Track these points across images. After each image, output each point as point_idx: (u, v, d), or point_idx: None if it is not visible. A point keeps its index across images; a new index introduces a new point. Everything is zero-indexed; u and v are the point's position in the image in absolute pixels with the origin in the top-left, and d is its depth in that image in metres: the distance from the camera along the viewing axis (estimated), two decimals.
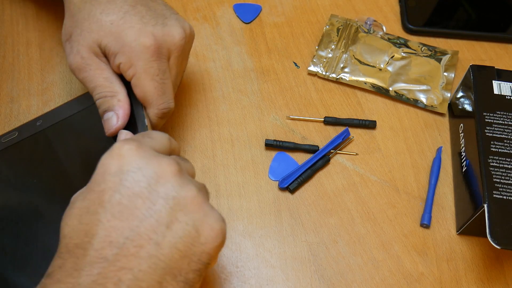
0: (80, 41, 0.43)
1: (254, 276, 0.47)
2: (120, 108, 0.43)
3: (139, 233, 0.32)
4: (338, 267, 0.47)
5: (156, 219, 0.32)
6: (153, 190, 0.33)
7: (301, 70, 0.59)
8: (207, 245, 0.34)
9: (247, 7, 0.63)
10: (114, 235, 0.32)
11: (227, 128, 0.54)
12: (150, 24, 0.43)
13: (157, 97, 0.44)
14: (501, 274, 0.48)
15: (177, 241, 0.33)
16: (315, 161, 0.52)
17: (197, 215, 0.34)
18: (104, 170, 0.33)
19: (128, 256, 0.31)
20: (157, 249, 0.32)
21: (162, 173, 0.34)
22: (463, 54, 0.61)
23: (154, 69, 0.43)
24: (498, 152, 0.47)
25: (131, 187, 0.33)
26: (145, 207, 0.33)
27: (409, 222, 0.50)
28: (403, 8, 0.64)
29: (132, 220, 0.32)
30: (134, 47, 0.42)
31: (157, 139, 0.37)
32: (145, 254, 0.32)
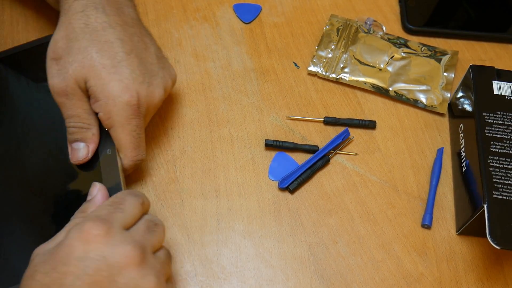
0: (70, 71, 0.43)
1: (254, 276, 0.47)
2: (93, 142, 0.45)
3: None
4: (338, 267, 0.47)
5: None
6: (113, 280, 0.34)
7: (301, 70, 0.59)
8: None
9: (247, 7, 0.63)
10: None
11: (227, 128, 0.54)
12: (138, 82, 0.45)
13: (131, 150, 0.45)
14: (501, 274, 0.48)
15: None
16: (315, 161, 0.52)
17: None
18: (70, 252, 0.34)
19: None
20: None
21: (125, 264, 0.35)
22: (463, 54, 0.61)
23: (132, 126, 0.45)
24: (498, 153, 0.47)
25: (92, 275, 0.34)
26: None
27: (409, 222, 0.50)
28: (403, 8, 0.64)
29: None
30: (117, 103, 0.43)
31: (128, 210, 0.38)
32: None
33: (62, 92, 0.44)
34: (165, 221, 0.49)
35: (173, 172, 0.51)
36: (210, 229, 0.49)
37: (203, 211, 0.49)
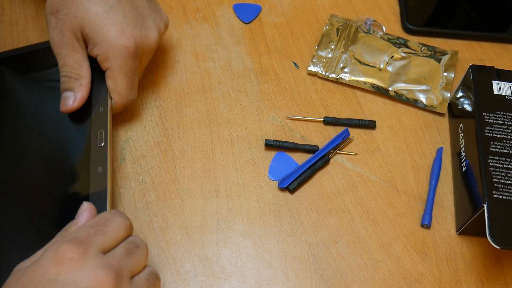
0: (66, 22, 0.46)
1: (254, 276, 0.47)
2: (80, 92, 0.47)
3: None
4: (337, 267, 0.47)
5: None
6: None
7: (301, 70, 0.59)
8: None
9: (246, 7, 0.63)
10: None
11: (227, 128, 0.54)
12: (131, 25, 0.47)
13: (126, 91, 0.49)
14: (500, 274, 0.48)
15: None
16: (314, 161, 0.52)
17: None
18: (43, 273, 0.34)
19: None
20: None
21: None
22: (463, 54, 0.61)
23: (128, 67, 0.47)
24: (498, 152, 0.47)
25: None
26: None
27: (408, 222, 0.50)
28: (403, 8, 0.64)
29: None
30: (113, 45, 0.46)
31: (110, 233, 0.37)
32: None
33: (58, 43, 0.47)
34: (165, 221, 0.49)
35: (173, 172, 0.51)
36: (210, 229, 0.49)
37: (203, 211, 0.50)
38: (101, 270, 0.34)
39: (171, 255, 0.47)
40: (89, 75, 0.48)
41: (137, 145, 0.53)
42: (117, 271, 0.35)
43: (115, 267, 0.35)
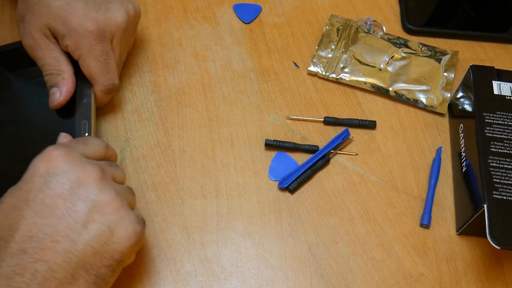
0: (32, 23, 0.48)
1: (254, 276, 0.47)
2: (64, 85, 0.48)
3: (57, 230, 0.36)
4: (338, 267, 0.47)
5: (74, 218, 0.36)
6: (74, 192, 0.37)
7: (301, 70, 0.59)
8: (119, 244, 0.37)
9: (247, 7, 0.63)
10: (34, 231, 0.35)
11: (227, 128, 0.54)
12: (94, 10, 0.48)
13: (101, 76, 0.49)
14: (501, 274, 0.48)
15: (91, 239, 0.36)
16: (315, 161, 0.52)
17: (113, 217, 0.37)
18: (33, 172, 0.37)
19: (45, 250, 0.35)
20: (72, 245, 0.36)
21: (85, 178, 0.37)
22: (463, 54, 0.61)
23: (97, 51, 0.48)
24: (498, 153, 0.47)
25: (54, 188, 0.37)
26: (65, 207, 0.36)
27: (409, 222, 0.50)
28: (403, 8, 0.64)
29: (52, 218, 0.36)
30: (78, 31, 0.47)
31: (91, 145, 0.41)
32: (60, 249, 0.35)
33: (32, 46, 0.48)
34: (165, 221, 0.49)
35: (173, 172, 0.51)
36: (210, 229, 0.49)
37: (203, 211, 0.50)
38: (87, 164, 0.38)
39: (171, 255, 0.47)
40: (69, 68, 0.49)
41: (137, 145, 0.53)
42: (102, 168, 0.39)
43: (99, 164, 0.39)
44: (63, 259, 0.36)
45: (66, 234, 0.36)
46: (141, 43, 0.59)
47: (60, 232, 0.36)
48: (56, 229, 0.36)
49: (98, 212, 0.37)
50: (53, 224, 0.36)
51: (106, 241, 0.37)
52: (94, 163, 0.39)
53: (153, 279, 0.46)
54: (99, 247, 0.37)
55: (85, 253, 0.36)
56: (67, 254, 0.36)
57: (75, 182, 0.37)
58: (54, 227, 0.36)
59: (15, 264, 0.35)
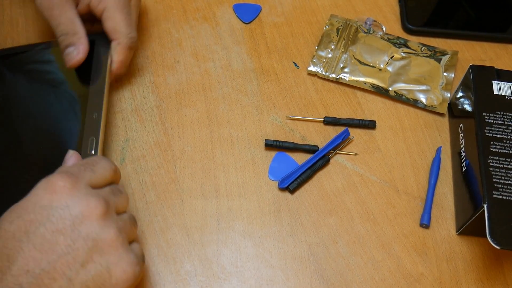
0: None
1: (254, 276, 0.47)
2: (81, 44, 0.49)
3: (54, 267, 0.34)
4: (338, 267, 0.47)
5: (73, 256, 0.35)
6: (75, 229, 0.36)
7: (301, 70, 0.59)
8: (117, 286, 0.36)
9: (246, 7, 0.63)
10: (32, 265, 0.34)
11: (227, 128, 0.54)
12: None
13: (126, 27, 0.50)
14: (501, 274, 0.48)
15: (88, 279, 0.35)
16: (315, 161, 0.52)
17: (112, 258, 0.36)
18: (36, 201, 0.36)
19: (41, 286, 0.34)
20: (69, 284, 0.35)
21: (88, 214, 0.36)
22: (463, 54, 0.61)
23: (121, 3, 0.50)
24: (498, 152, 0.47)
25: (56, 223, 0.35)
26: (65, 243, 0.35)
27: (408, 222, 0.50)
28: (403, 8, 0.64)
29: (51, 254, 0.35)
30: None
31: (98, 172, 0.40)
32: (57, 287, 0.34)
33: (48, 5, 0.49)
34: (165, 221, 0.49)
35: (173, 172, 0.51)
36: (210, 229, 0.49)
37: (203, 211, 0.50)
38: (91, 197, 0.37)
39: (171, 255, 0.47)
40: (84, 30, 0.50)
41: (137, 145, 0.53)
42: (106, 201, 0.38)
43: (104, 197, 0.38)
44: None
45: (64, 273, 0.35)
46: (141, 43, 0.59)
47: (58, 270, 0.35)
48: (54, 266, 0.35)
49: (98, 252, 0.36)
50: (52, 261, 0.35)
51: (103, 283, 0.36)
52: (99, 195, 0.37)
53: (153, 279, 0.46)
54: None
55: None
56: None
57: (78, 218, 0.36)
58: (52, 264, 0.35)
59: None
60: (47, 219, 0.35)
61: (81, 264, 0.35)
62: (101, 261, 0.36)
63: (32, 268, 0.34)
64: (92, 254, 0.36)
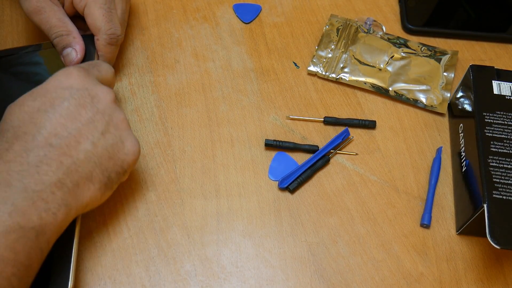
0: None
1: (254, 276, 0.47)
2: (77, 43, 0.50)
3: (80, 132, 0.40)
4: (338, 267, 0.47)
5: (94, 126, 0.41)
6: (94, 106, 0.42)
7: (301, 70, 0.59)
8: (128, 156, 0.43)
9: (247, 7, 0.63)
10: (60, 129, 0.40)
11: (227, 128, 0.54)
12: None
13: (105, 23, 0.50)
14: (501, 274, 0.48)
15: (107, 145, 0.42)
16: (315, 161, 0.52)
17: (124, 133, 0.43)
18: (57, 84, 0.41)
19: (69, 147, 0.39)
20: (92, 147, 0.41)
21: (104, 97, 0.43)
22: (462, 54, 0.61)
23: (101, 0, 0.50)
24: (498, 152, 0.47)
25: (78, 99, 0.41)
26: (87, 116, 0.41)
27: (409, 222, 0.50)
28: (403, 8, 0.64)
29: (76, 122, 0.40)
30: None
31: (103, 72, 0.46)
32: (82, 148, 0.40)
33: (35, 9, 0.49)
34: (165, 221, 0.49)
35: (173, 172, 0.51)
36: (210, 229, 0.49)
37: (203, 211, 0.50)
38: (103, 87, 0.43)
39: (171, 255, 0.47)
40: (75, 28, 0.51)
41: None
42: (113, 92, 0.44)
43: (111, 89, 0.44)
44: (84, 156, 0.40)
45: (87, 137, 0.40)
46: (141, 43, 0.59)
47: (83, 135, 0.40)
48: (79, 132, 0.40)
49: (113, 126, 0.42)
50: (77, 128, 0.40)
51: (119, 150, 0.42)
52: (107, 87, 0.44)
53: (153, 279, 0.46)
54: (113, 153, 0.42)
55: (102, 156, 0.41)
56: (88, 154, 0.40)
57: (95, 98, 0.42)
58: (77, 130, 0.40)
59: (42, 155, 0.38)
60: (70, 96, 0.41)
61: (101, 133, 0.41)
62: (116, 133, 0.42)
63: (60, 132, 0.39)
64: (109, 127, 0.42)
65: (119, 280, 0.46)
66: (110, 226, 0.48)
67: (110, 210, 0.49)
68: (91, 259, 0.46)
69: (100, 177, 0.41)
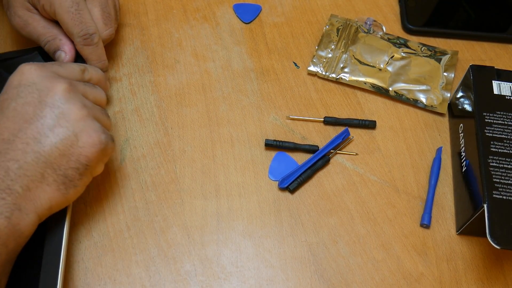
0: (14, 3, 0.50)
1: (254, 276, 0.47)
2: (65, 44, 0.50)
3: (26, 134, 0.39)
4: (338, 267, 0.47)
5: (41, 123, 0.40)
6: (42, 100, 0.40)
7: (301, 70, 0.59)
8: (84, 149, 0.41)
9: (247, 7, 0.63)
10: (6, 134, 0.39)
11: (227, 128, 0.54)
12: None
13: (74, 26, 0.49)
14: (501, 274, 0.48)
15: (57, 142, 0.40)
16: (315, 161, 0.52)
17: (78, 124, 0.41)
18: (8, 84, 0.41)
19: (16, 151, 0.39)
20: (40, 146, 0.39)
21: (52, 88, 0.41)
22: (463, 54, 0.61)
23: (67, 2, 0.49)
24: (498, 152, 0.47)
25: (24, 97, 0.40)
26: (33, 113, 0.40)
27: (409, 222, 0.50)
28: (403, 8, 0.64)
29: (22, 123, 0.40)
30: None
31: (66, 67, 0.45)
32: (30, 150, 0.39)
33: (20, 24, 0.50)
34: (165, 221, 0.49)
35: (173, 172, 0.51)
36: (210, 229, 0.49)
37: (203, 211, 0.50)
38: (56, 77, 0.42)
39: (171, 255, 0.47)
40: (61, 30, 0.50)
41: (137, 145, 0.53)
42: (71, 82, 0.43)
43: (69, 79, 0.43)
44: (32, 158, 0.39)
45: (35, 137, 0.39)
46: (141, 43, 0.59)
47: (29, 135, 0.39)
48: (25, 133, 0.39)
49: (64, 118, 0.40)
50: (23, 128, 0.39)
51: (71, 145, 0.40)
52: (62, 77, 0.42)
53: (153, 279, 0.46)
54: (65, 149, 0.40)
55: (51, 154, 0.40)
56: (36, 155, 0.39)
57: (43, 91, 0.41)
58: (23, 131, 0.39)
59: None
60: (17, 95, 0.40)
61: (49, 129, 0.40)
62: (68, 126, 0.40)
63: (6, 136, 0.39)
64: (59, 120, 0.40)
65: (119, 280, 0.46)
66: (110, 226, 0.48)
67: (110, 210, 0.49)
68: (91, 259, 0.46)
69: (54, 176, 0.40)
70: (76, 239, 0.47)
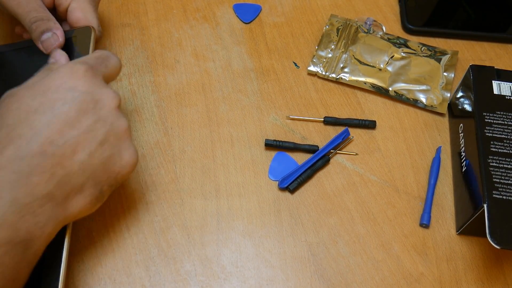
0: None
1: (254, 276, 0.47)
2: (58, 29, 0.47)
3: (77, 141, 0.38)
4: (338, 267, 0.47)
5: (94, 135, 0.39)
6: (97, 113, 0.39)
7: (301, 70, 0.59)
8: (124, 169, 0.41)
9: (247, 7, 0.63)
10: (56, 137, 0.37)
11: (227, 128, 0.54)
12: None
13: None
14: (501, 274, 0.48)
15: (104, 158, 0.39)
16: (315, 161, 0.52)
17: (124, 144, 0.41)
18: (60, 84, 0.39)
19: (64, 156, 0.37)
20: (88, 158, 0.38)
21: (107, 103, 0.40)
22: (463, 54, 0.61)
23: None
24: (498, 152, 0.47)
25: (79, 103, 0.38)
26: (87, 123, 0.38)
27: (409, 222, 0.50)
28: (403, 8, 0.64)
29: (74, 130, 0.38)
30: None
31: (111, 68, 0.43)
32: (77, 159, 0.38)
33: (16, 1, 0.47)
34: (165, 221, 0.49)
35: (173, 172, 0.51)
36: (210, 229, 0.49)
37: (203, 211, 0.50)
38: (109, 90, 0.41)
39: (171, 255, 0.47)
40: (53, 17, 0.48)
41: (137, 145, 0.53)
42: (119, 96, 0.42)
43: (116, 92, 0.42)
44: (78, 168, 0.38)
45: (84, 147, 0.38)
46: (141, 43, 0.59)
47: (80, 144, 0.38)
48: (77, 141, 0.38)
49: (114, 135, 0.40)
50: (75, 135, 0.38)
51: (115, 163, 0.40)
52: (112, 90, 0.41)
53: (153, 279, 0.46)
54: (109, 166, 0.40)
55: (97, 169, 0.39)
56: (82, 165, 0.38)
57: (98, 104, 0.39)
58: (75, 138, 0.38)
59: (35, 164, 0.36)
60: (72, 99, 0.38)
61: (99, 143, 0.39)
62: (115, 144, 0.40)
63: (56, 139, 0.37)
64: (109, 136, 0.39)
65: (119, 280, 0.46)
66: (110, 226, 0.48)
67: (110, 210, 0.49)
68: (91, 259, 0.46)
69: (92, 190, 0.39)
70: (76, 239, 0.47)
